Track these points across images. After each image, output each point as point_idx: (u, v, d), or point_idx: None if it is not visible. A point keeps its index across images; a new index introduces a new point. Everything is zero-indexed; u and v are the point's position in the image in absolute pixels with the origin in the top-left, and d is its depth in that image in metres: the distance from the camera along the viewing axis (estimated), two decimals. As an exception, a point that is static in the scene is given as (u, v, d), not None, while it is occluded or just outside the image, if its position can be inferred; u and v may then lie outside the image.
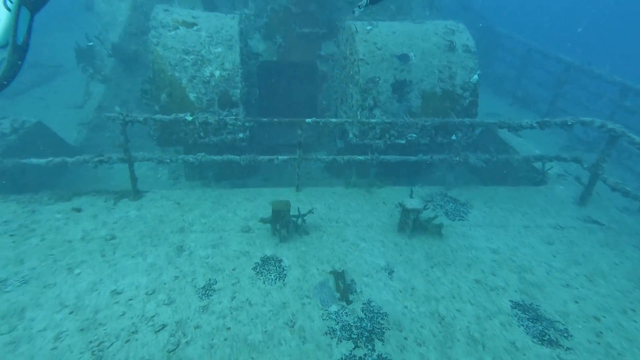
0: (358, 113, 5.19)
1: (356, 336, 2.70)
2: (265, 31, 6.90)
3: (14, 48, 1.10)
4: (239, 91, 4.83)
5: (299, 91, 7.57)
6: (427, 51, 4.96)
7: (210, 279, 3.20)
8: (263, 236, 3.89)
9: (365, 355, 2.56)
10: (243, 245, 3.72)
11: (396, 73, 4.98)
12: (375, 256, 3.58)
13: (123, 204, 4.04)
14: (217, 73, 4.70)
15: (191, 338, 2.58)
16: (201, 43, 4.68)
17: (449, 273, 3.27)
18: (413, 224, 3.79)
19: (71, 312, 2.62)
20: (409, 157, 4.66)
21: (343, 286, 3.17)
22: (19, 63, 1.15)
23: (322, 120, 4.55)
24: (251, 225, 4.06)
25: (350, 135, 5.33)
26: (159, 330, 2.62)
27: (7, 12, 1.11)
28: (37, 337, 2.45)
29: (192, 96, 4.62)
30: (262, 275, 3.31)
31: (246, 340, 2.60)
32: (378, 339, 2.67)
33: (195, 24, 4.73)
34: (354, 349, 2.59)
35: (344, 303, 3.01)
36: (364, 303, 3.00)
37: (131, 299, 2.84)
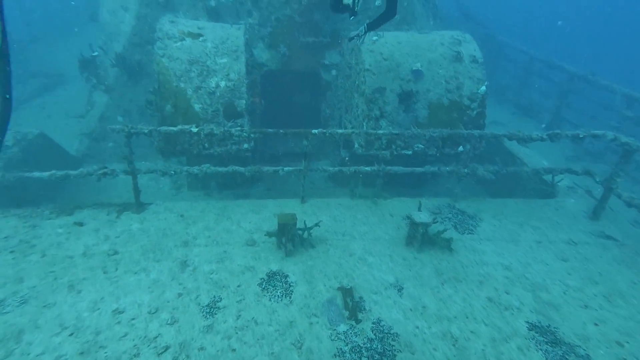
0: (364, 123, 5.13)
1: (366, 359, 2.59)
2: (269, 40, 6.91)
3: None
4: (244, 102, 4.79)
5: (302, 100, 7.54)
6: (434, 61, 4.92)
7: (214, 296, 3.10)
8: (268, 250, 3.80)
9: (376, 379, 2.45)
10: (248, 259, 3.63)
11: (402, 83, 4.94)
12: (383, 272, 3.48)
13: (126, 217, 3.96)
14: (223, 84, 4.67)
15: (195, 361, 2.48)
16: (207, 54, 4.65)
17: (461, 290, 3.17)
18: (422, 238, 3.70)
19: (71, 334, 2.52)
20: (416, 169, 4.58)
21: (351, 304, 3.08)
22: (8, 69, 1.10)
23: (329, 131, 4.50)
24: (256, 238, 3.97)
25: (355, 145, 5.27)
26: (162, 352, 2.52)
27: None
28: (36, 361, 2.36)
29: (197, 107, 4.57)
30: (268, 291, 3.22)
31: (252, 363, 2.50)
32: (389, 362, 2.56)
33: (201, 35, 4.71)
34: (365, 373, 2.48)
35: (353, 322, 2.91)
36: (374, 322, 2.89)
37: (133, 319, 2.75)
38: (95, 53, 6.79)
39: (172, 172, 4.29)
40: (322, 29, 6.74)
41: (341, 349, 2.64)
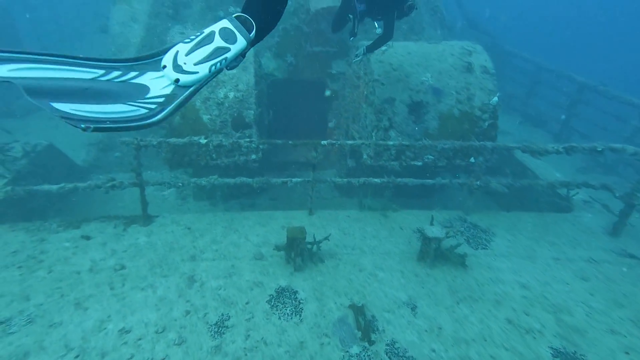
0: (373, 134, 5.07)
1: (381, 383, 2.49)
2: (276, 50, 6.92)
3: (190, 94, 1.21)
4: (253, 112, 4.75)
5: (308, 109, 7.52)
6: (444, 72, 4.86)
7: (222, 314, 3.02)
8: (276, 264, 3.73)
9: (392, 406, 2.34)
10: (256, 274, 3.55)
11: (412, 94, 4.88)
12: (395, 288, 3.38)
13: (133, 230, 3.91)
14: (231, 94, 4.64)
15: (204, 384, 2.39)
16: (215, 65, 4.63)
17: (477, 310, 3.06)
18: (434, 254, 3.60)
19: (77, 356, 2.45)
20: (427, 181, 4.50)
21: (364, 323, 2.98)
22: (183, 104, 1.22)
23: (338, 141, 4.44)
24: (264, 252, 3.90)
25: (364, 155, 5.20)
26: (170, 375, 2.44)
27: (207, 73, 1.24)
28: (40, 383, 2.29)
29: (206, 118, 4.54)
30: (277, 309, 3.13)
31: (263, 387, 2.41)
32: (405, 388, 2.46)
33: (209, 46, 4.69)
34: (380, 399, 2.38)
35: (366, 344, 2.81)
36: (388, 344, 2.79)
37: (140, 339, 2.67)
38: (104, 64, 6.82)
39: (180, 184, 4.25)
40: (329, 39, 6.73)
41: (354, 373, 2.55)
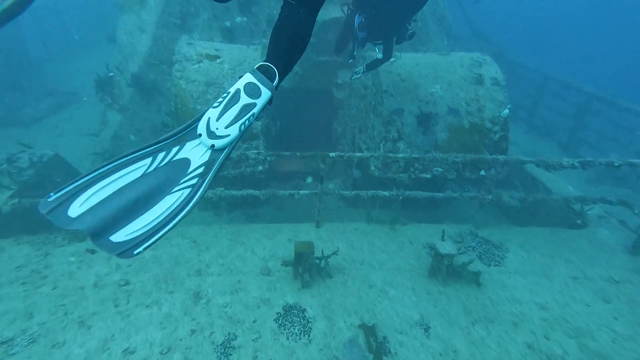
0: (381, 145, 5.01)
1: (395, 411, 2.38)
2: (283, 60, 6.90)
3: (226, 156, 1.27)
4: (260, 123, 4.71)
5: (314, 118, 7.49)
6: (454, 83, 4.81)
7: (229, 333, 2.93)
8: (284, 279, 3.64)
9: None
10: (263, 290, 3.46)
11: (421, 105, 4.82)
12: (407, 307, 3.28)
13: (138, 243, 3.84)
14: (238, 105, 4.60)
15: (210, 411, 2.30)
16: (224, 75, 4.62)
17: (494, 333, 2.95)
18: (447, 270, 3.50)
19: (80, 379, 2.37)
20: (437, 194, 4.41)
21: (375, 345, 2.87)
22: (221, 168, 1.27)
23: (347, 154, 4.37)
24: (270, 266, 3.82)
25: (371, 167, 5.13)
26: (175, 400, 2.35)
27: (238, 133, 1.28)
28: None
29: (212, 129, 4.50)
30: (285, 328, 3.04)
31: (272, 414, 2.31)
32: (421, 416, 2.34)
33: (218, 57, 4.69)
34: None
35: (378, 367, 2.71)
36: (401, 368, 2.68)
37: (145, 360, 2.59)
38: (111, 73, 6.86)
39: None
40: (336, 49, 6.73)
41: (367, 399, 2.44)
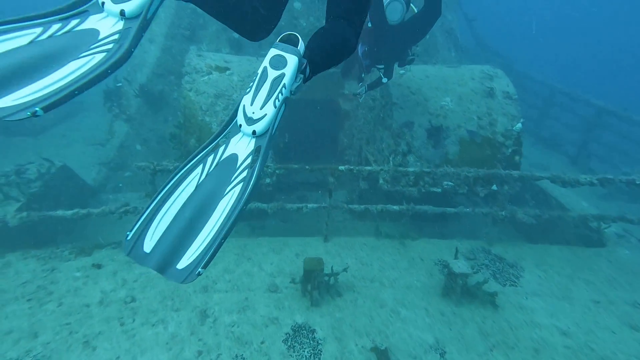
0: (390, 158, 4.94)
1: None
2: (290, 70, 6.90)
3: (270, 138, 1.23)
4: (268, 136, 4.67)
5: (320, 128, 7.46)
6: (464, 96, 4.76)
7: (237, 355, 2.84)
8: (292, 297, 3.55)
9: None
10: (271, 309, 3.37)
11: (432, 118, 4.76)
12: (420, 329, 3.16)
13: (144, 258, 3.77)
14: (247, 118, 4.58)
15: None
16: (233, 87, 4.60)
17: (513, 360, 2.83)
18: (461, 290, 3.39)
19: (84, 406, 2.28)
20: (448, 209, 4.33)
21: (389, 370, 2.76)
22: (269, 151, 1.24)
23: (356, 167, 4.32)
24: (278, 283, 3.73)
25: (380, 180, 5.06)
26: None
27: (274, 109, 1.22)
28: None
29: (221, 141, 4.47)
30: (295, 350, 2.94)
31: None
32: None
33: (227, 69, 4.69)
34: None
35: (392, 394, 2.59)
36: (416, 396, 2.57)
37: (150, 384, 2.50)
38: (119, 84, 6.89)
39: (194, 210, 4.14)
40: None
41: None
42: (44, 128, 7.71)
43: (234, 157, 1.21)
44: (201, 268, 0.99)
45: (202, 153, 1.24)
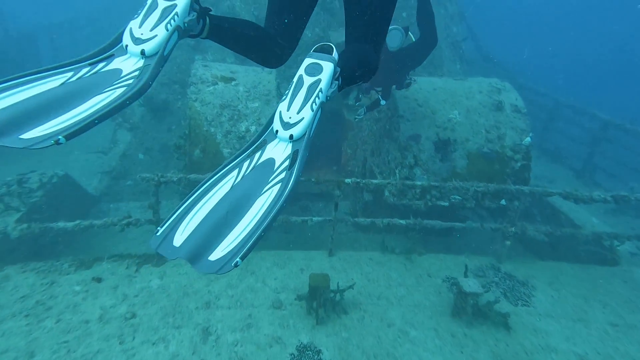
0: (396, 171, 4.87)
1: None
2: (295, 80, 6.90)
3: (308, 141, 1.24)
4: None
5: (323, 138, 7.41)
6: (472, 109, 4.71)
7: (240, 378, 2.73)
8: (296, 314, 3.44)
9: None
10: (275, 327, 3.26)
11: (439, 131, 4.71)
12: (430, 351, 3.05)
13: (145, 271, 3.68)
14: (253, 128, 4.53)
15: None
16: (238, 98, 4.57)
17: (530, 387, 2.71)
18: (472, 310, 3.28)
19: None
20: (457, 224, 4.24)
21: (399, 396, 2.64)
22: (307, 154, 1.25)
23: (363, 180, 4.25)
24: (282, 299, 3.62)
25: (386, 193, 4.98)
26: None
27: (311, 113, 1.24)
28: None
29: (226, 152, 4.42)
30: (300, 372, 2.82)
31: None
32: None
33: (233, 79, 4.66)
34: None
35: (403, 422, 2.47)
36: None
37: (150, 409, 2.38)
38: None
39: (197, 222, 4.06)
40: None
41: None
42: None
43: (271, 161, 1.24)
44: (239, 258, 0.98)
45: (238, 159, 1.27)
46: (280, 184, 1.16)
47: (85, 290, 3.28)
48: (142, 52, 1.17)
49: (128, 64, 1.18)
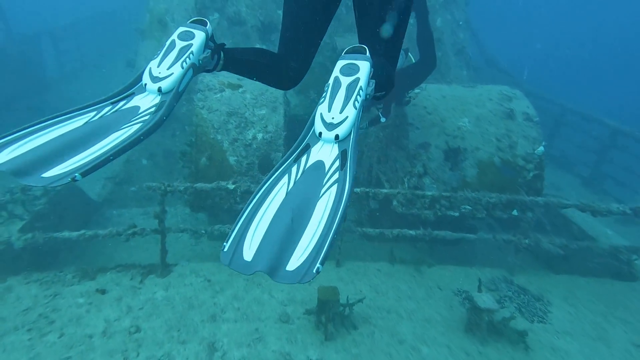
0: (405, 180, 4.79)
1: None
2: (300, 86, 6.84)
3: (355, 138, 1.24)
4: (281, 154, 4.55)
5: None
6: (482, 118, 4.63)
7: (248, 398, 2.63)
8: (304, 329, 3.34)
9: None
10: (283, 342, 3.17)
11: (449, 139, 4.63)
12: (444, 370, 2.95)
13: (150, 282, 3.60)
14: (260, 136, 4.46)
15: None
16: (245, 105, 4.51)
17: (550, 411, 2.60)
18: (487, 327, 3.18)
19: None
20: (468, 235, 4.15)
21: (413, 418, 2.54)
22: (357, 151, 1.25)
23: (372, 190, 4.17)
24: (290, 312, 3.53)
25: (394, 202, 4.89)
26: None
27: (355, 111, 1.24)
28: None
29: (232, 160, 4.35)
30: (310, 391, 2.72)
31: None
32: None
33: (240, 86, 4.60)
34: None
35: None
36: None
37: None
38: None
39: (203, 232, 3.99)
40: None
41: None
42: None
43: (320, 164, 1.23)
44: (319, 264, 0.97)
45: (284, 165, 1.27)
46: (337, 185, 1.16)
47: (89, 302, 3.19)
48: (159, 90, 1.27)
49: (146, 101, 1.28)
